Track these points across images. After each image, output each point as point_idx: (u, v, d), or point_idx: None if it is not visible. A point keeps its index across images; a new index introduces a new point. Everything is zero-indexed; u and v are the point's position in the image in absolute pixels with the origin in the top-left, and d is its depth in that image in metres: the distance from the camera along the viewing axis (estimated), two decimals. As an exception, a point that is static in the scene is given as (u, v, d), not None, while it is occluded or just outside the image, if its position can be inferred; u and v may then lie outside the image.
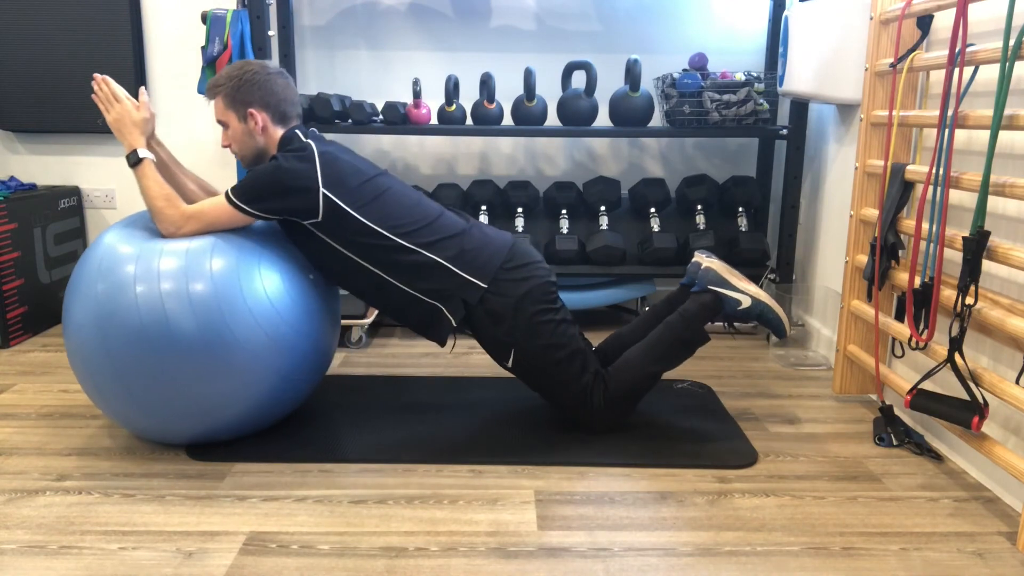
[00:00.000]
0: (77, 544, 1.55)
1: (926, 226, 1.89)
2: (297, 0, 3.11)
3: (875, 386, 2.33)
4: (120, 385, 1.80)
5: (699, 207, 2.97)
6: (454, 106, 2.84)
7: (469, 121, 2.91)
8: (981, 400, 1.71)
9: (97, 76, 2.00)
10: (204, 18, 2.71)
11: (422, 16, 3.11)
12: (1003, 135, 1.81)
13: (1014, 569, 1.50)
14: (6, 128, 3.14)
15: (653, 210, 2.98)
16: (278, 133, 2.02)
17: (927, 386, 2.06)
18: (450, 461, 1.91)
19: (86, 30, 3.04)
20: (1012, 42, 1.57)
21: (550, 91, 3.14)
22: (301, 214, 1.92)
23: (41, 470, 1.86)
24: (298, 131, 2.02)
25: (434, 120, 3.08)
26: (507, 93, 3.13)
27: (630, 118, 2.83)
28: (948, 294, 1.79)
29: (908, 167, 2.00)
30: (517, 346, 1.98)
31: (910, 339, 1.92)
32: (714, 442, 2.02)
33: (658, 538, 1.59)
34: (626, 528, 1.62)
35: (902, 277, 2.02)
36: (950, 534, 1.62)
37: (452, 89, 2.80)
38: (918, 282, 1.89)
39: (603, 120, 3.06)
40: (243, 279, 1.83)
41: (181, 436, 1.91)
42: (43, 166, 3.24)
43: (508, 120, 3.07)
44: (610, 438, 2.03)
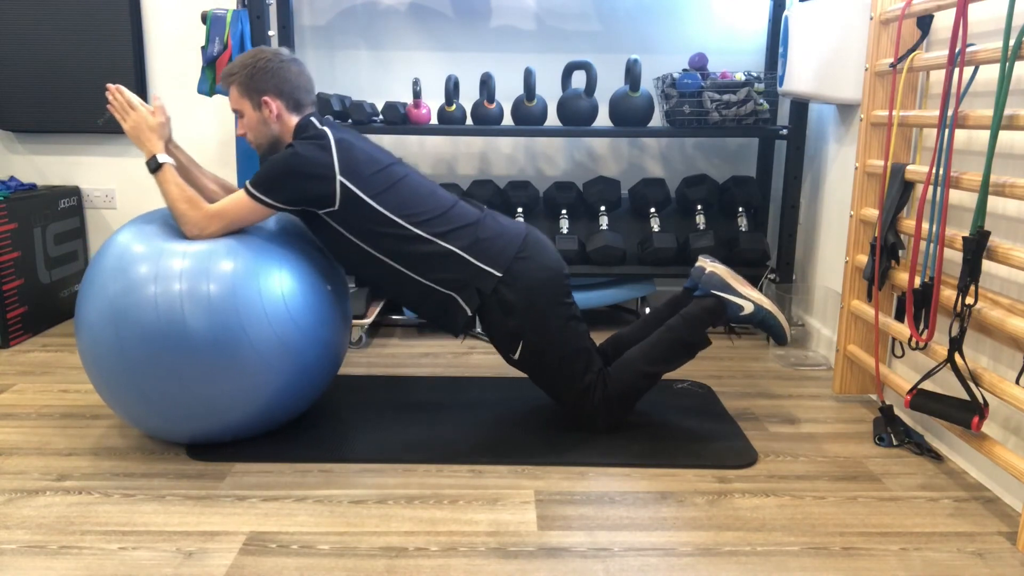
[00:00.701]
0: (77, 544, 1.55)
1: (926, 226, 1.89)
2: (297, 0, 3.11)
3: (875, 386, 2.33)
4: (132, 384, 1.79)
5: (699, 207, 2.97)
6: (454, 106, 2.84)
7: (469, 121, 2.91)
8: (981, 400, 1.71)
9: (111, 86, 1.99)
10: (204, 18, 2.71)
11: (422, 16, 3.11)
12: (1003, 135, 1.81)
13: (1014, 569, 1.50)
14: (6, 128, 3.14)
15: (653, 210, 2.98)
16: (293, 121, 2.01)
17: (927, 386, 2.06)
18: (450, 461, 1.91)
19: (86, 30, 3.04)
20: (1012, 42, 1.57)
21: (550, 91, 3.14)
22: (318, 202, 1.91)
23: (41, 470, 1.86)
24: (313, 118, 2.01)
25: (434, 120, 3.08)
26: (507, 93, 3.13)
27: (630, 118, 2.83)
28: (948, 294, 1.79)
29: (908, 167, 2.00)
30: (526, 338, 1.98)
31: (910, 339, 1.92)
32: (714, 442, 2.02)
33: (658, 538, 1.59)
34: (626, 528, 1.62)
35: (902, 277, 2.02)
36: (950, 534, 1.62)
37: (452, 89, 2.81)
38: (918, 282, 1.89)
39: (603, 120, 3.06)
40: (257, 280, 1.82)
41: (191, 435, 1.91)
42: (43, 166, 3.24)
43: (508, 120, 3.07)
44: (610, 438, 2.03)
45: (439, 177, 3.26)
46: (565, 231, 2.96)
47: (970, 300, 1.74)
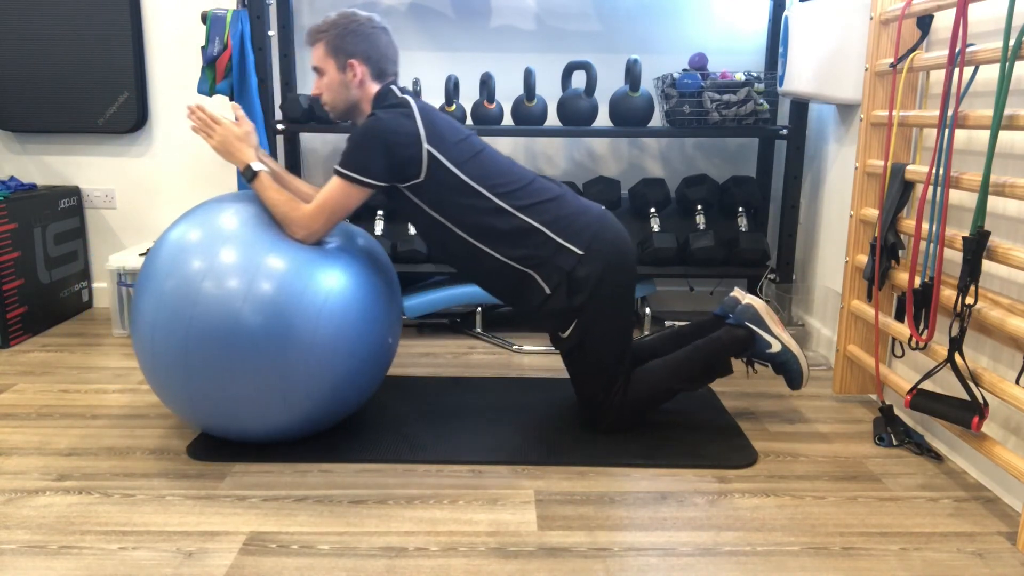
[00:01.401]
0: (77, 544, 1.55)
1: (926, 226, 1.89)
2: (297, 0, 3.11)
3: (875, 386, 2.33)
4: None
5: (699, 207, 2.97)
6: (454, 106, 2.84)
7: (469, 121, 2.91)
8: (981, 400, 1.71)
9: (191, 106, 1.97)
10: (204, 18, 2.71)
11: (422, 16, 3.11)
12: (1003, 135, 1.81)
13: (1014, 569, 1.50)
14: (6, 128, 3.14)
15: (653, 210, 2.98)
16: (374, 89, 1.98)
17: (927, 386, 2.06)
18: (450, 461, 1.91)
19: (86, 30, 3.04)
20: (1012, 42, 1.57)
21: (550, 91, 3.14)
22: (405, 173, 1.89)
23: (41, 470, 1.86)
24: (393, 87, 1.99)
25: (434, 120, 3.07)
26: (507, 93, 3.13)
27: (630, 118, 2.83)
28: (948, 294, 1.79)
29: (908, 167, 2.00)
30: (584, 317, 1.95)
31: (910, 339, 1.92)
32: (714, 442, 2.02)
33: (658, 538, 1.59)
34: (626, 528, 1.62)
35: (902, 277, 2.02)
36: (950, 534, 1.62)
37: (452, 89, 2.81)
38: (918, 282, 1.89)
39: (603, 120, 3.06)
40: (310, 277, 1.81)
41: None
42: (43, 166, 3.24)
43: (508, 120, 3.07)
44: (610, 438, 2.03)
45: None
46: (565, 231, 2.95)
47: (970, 300, 1.74)
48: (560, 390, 2.37)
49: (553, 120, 3.11)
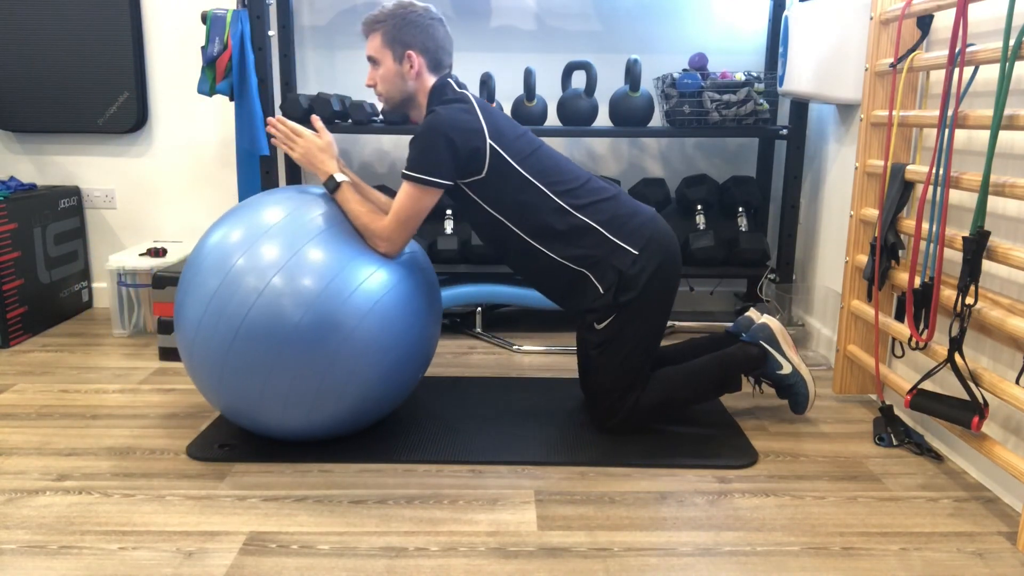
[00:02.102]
0: (77, 544, 1.55)
1: (926, 226, 1.89)
2: (297, 0, 3.11)
3: (875, 386, 2.33)
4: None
5: (699, 207, 2.97)
6: (454, 106, 2.83)
7: (469, 121, 2.90)
8: (981, 400, 1.71)
9: (271, 119, 1.96)
10: (204, 18, 2.71)
11: (422, 16, 3.11)
12: (1003, 135, 1.81)
13: (1014, 569, 1.50)
14: (6, 128, 3.14)
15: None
16: (430, 81, 1.97)
17: (927, 386, 2.06)
18: (450, 461, 1.91)
19: (86, 30, 3.04)
20: (1012, 42, 1.57)
21: (550, 91, 3.14)
22: (468, 169, 1.88)
23: (41, 470, 1.86)
24: (450, 79, 1.98)
25: (434, 120, 3.07)
26: (507, 93, 3.13)
27: (630, 118, 2.83)
28: (948, 294, 1.79)
29: (908, 167, 2.00)
30: (622, 315, 1.94)
31: (910, 339, 1.92)
32: (714, 442, 2.02)
33: (658, 538, 1.59)
34: (626, 528, 1.62)
35: (902, 277, 2.02)
36: (950, 534, 1.62)
37: (452, 89, 2.80)
38: (918, 282, 1.89)
39: (603, 120, 3.06)
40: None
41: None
42: (43, 166, 3.24)
43: (508, 120, 3.07)
44: (610, 438, 2.03)
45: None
46: (565, 231, 2.95)
47: (970, 300, 1.74)
48: (560, 390, 2.37)
49: (553, 120, 3.11)
